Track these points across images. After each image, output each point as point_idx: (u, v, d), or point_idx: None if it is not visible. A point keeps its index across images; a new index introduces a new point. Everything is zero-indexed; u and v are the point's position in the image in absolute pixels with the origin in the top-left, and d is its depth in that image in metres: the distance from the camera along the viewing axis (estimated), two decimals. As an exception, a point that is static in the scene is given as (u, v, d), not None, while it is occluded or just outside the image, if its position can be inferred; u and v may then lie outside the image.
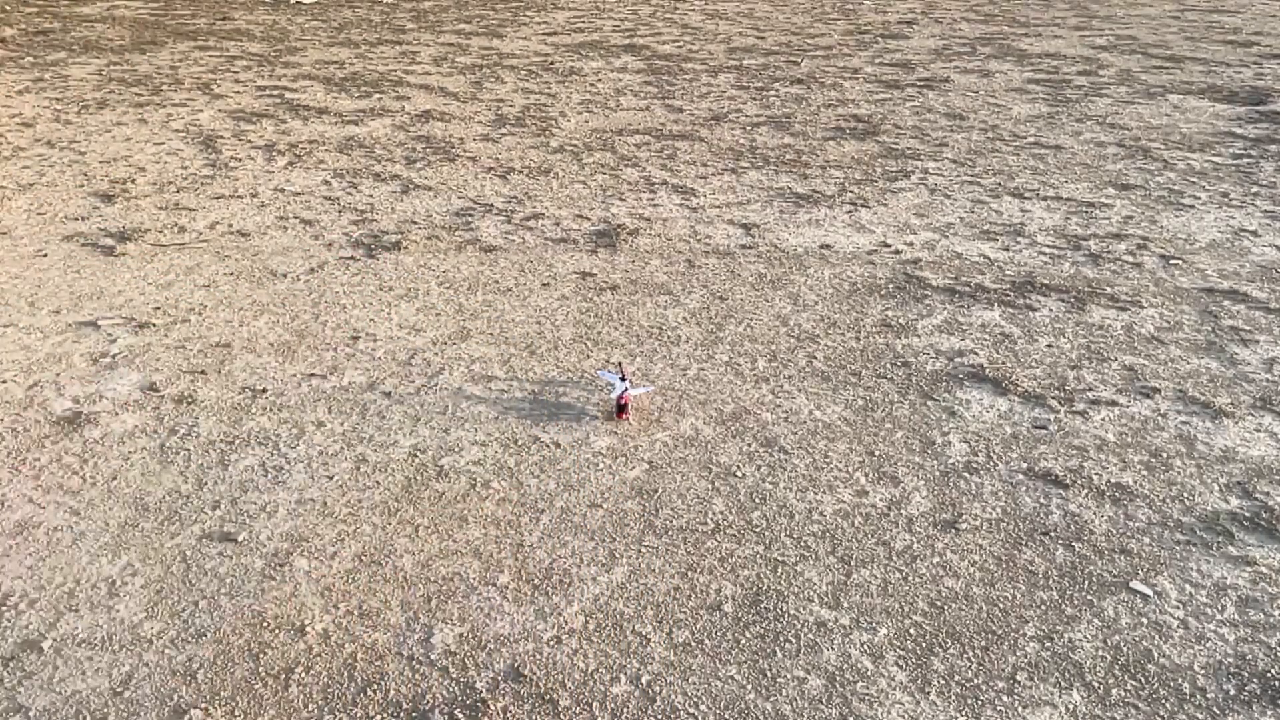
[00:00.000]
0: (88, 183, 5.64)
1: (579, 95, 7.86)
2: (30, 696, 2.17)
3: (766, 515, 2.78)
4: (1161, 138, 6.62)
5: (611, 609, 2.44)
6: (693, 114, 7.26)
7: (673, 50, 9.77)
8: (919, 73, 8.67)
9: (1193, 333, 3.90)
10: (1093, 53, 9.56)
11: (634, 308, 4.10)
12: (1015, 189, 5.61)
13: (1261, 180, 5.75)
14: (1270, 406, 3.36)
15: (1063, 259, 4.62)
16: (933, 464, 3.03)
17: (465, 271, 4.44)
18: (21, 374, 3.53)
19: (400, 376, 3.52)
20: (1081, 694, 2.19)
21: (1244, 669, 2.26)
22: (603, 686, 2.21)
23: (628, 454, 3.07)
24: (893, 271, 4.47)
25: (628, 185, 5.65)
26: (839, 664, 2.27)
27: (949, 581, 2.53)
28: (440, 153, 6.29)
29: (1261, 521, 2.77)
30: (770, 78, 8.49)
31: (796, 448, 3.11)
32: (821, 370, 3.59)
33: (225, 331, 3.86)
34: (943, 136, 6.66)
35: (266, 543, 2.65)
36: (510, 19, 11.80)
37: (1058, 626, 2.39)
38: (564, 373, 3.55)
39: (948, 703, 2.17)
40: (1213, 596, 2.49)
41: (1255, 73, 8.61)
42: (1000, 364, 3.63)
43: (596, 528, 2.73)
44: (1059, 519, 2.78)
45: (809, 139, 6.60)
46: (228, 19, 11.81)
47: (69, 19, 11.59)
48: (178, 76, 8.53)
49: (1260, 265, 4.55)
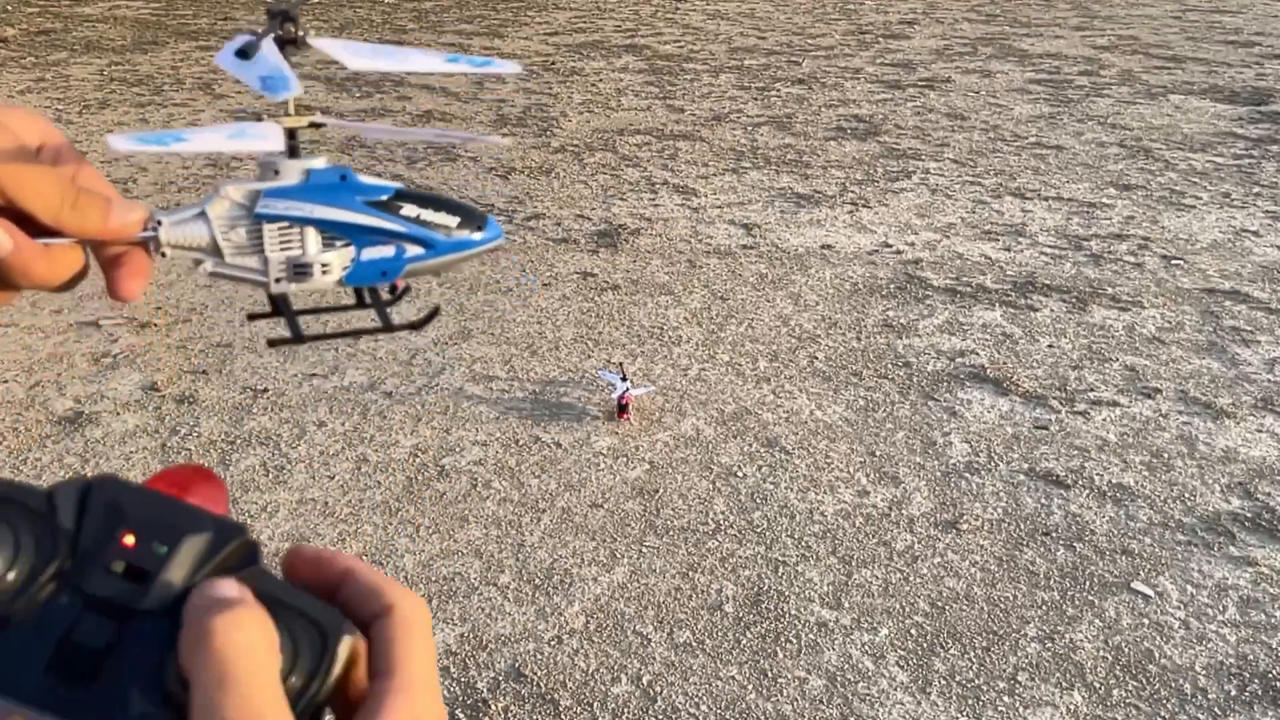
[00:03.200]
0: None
1: (580, 95, 7.86)
2: (31, 696, 2.18)
3: (767, 515, 2.78)
4: (1163, 138, 6.62)
5: (612, 609, 2.44)
6: (694, 114, 7.26)
7: (674, 50, 9.77)
8: (920, 73, 8.67)
9: (1194, 333, 3.90)
10: (1094, 53, 9.56)
11: (635, 308, 4.10)
12: (1016, 189, 5.61)
13: (1263, 180, 5.74)
14: (1272, 407, 3.36)
15: (1064, 259, 4.62)
16: (934, 464, 3.03)
17: (466, 271, 4.44)
18: (23, 374, 3.54)
19: (401, 376, 3.52)
20: (1083, 694, 2.19)
21: (1245, 669, 2.26)
22: (603, 686, 2.21)
23: (629, 454, 3.07)
24: (894, 272, 4.47)
25: (629, 185, 5.65)
26: (840, 664, 2.27)
27: (950, 582, 2.53)
28: (441, 152, 6.29)
29: (1263, 522, 2.76)
30: (771, 78, 8.49)
31: (797, 448, 3.11)
32: (823, 370, 3.59)
33: (226, 331, 3.87)
34: (944, 136, 6.66)
35: (268, 543, 2.65)
36: (511, 19, 11.80)
37: (1059, 627, 2.39)
38: (565, 373, 3.55)
39: (949, 703, 2.17)
40: (1214, 597, 2.49)
41: (1257, 73, 8.61)
42: (1001, 364, 3.63)
43: (597, 528, 2.73)
44: (1060, 519, 2.78)
45: (810, 139, 6.60)
46: (229, 19, 11.81)
47: (70, 19, 11.60)
48: (179, 77, 8.54)
49: (1262, 265, 4.55)
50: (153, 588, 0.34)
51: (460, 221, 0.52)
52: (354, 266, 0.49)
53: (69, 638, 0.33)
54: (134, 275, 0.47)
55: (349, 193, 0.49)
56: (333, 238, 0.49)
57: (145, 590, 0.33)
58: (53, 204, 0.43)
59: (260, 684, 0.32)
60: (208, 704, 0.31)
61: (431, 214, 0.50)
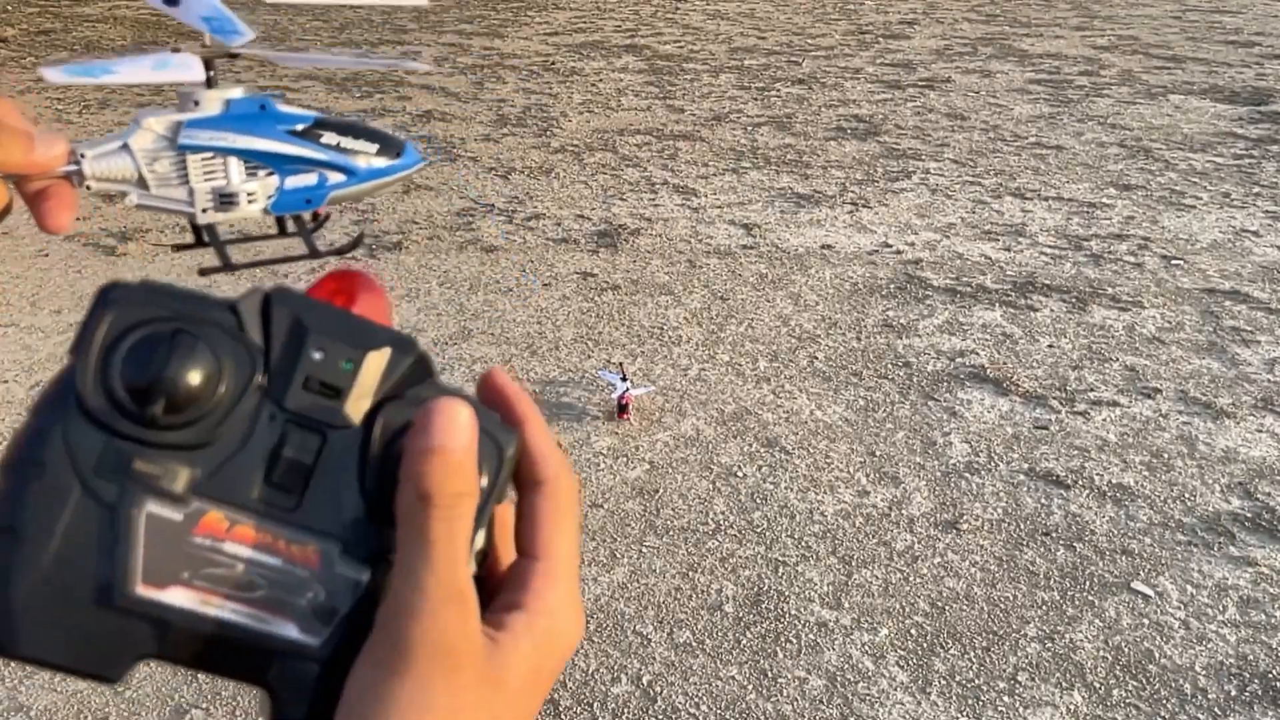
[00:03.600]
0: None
1: (580, 95, 7.86)
2: (32, 696, 2.17)
3: (767, 515, 2.78)
4: (1163, 138, 6.62)
5: (612, 609, 2.44)
6: (694, 114, 7.26)
7: (674, 50, 9.77)
8: (920, 73, 8.67)
9: (1194, 333, 3.90)
10: (1094, 53, 9.56)
11: (635, 308, 4.10)
12: (1016, 189, 5.61)
13: (1263, 180, 5.74)
14: (1272, 407, 3.36)
15: (1064, 259, 4.62)
16: (934, 464, 3.03)
17: (466, 271, 4.44)
18: (23, 374, 3.54)
19: (401, 376, 3.52)
20: (1083, 694, 2.19)
21: (1245, 669, 2.26)
22: (603, 686, 2.21)
23: (629, 454, 3.07)
24: (894, 272, 4.47)
25: (629, 185, 5.65)
26: (840, 664, 2.27)
27: (950, 582, 2.53)
28: (441, 152, 6.29)
29: (1263, 522, 2.76)
30: (771, 78, 8.49)
31: (797, 448, 3.11)
32: (823, 370, 3.59)
33: (226, 331, 3.87)
34: (944, 136, 6.66)
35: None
36: (511, 19, 11.80)
37: (1059, 627, 2.39)
38: (565, 373, 3.55)
39: (949, 703, 2.17)
40: (1214, 597, 2.49)
41: (1257, 73, 8.61)
42: (1001, 364, 3.63)
43: (597, 528, 2.73)
44: (1060, 519, 2.78)
45: (810, 139, 6.60)
46: (229, 19, 11.79)
47: (70, 19, 11.60)
48: (179, 76, 8.52)
49: (1262, 266, 4.55)
50: (345, 404, 0.35)
51: (380, 148, 0.53)
52: (278, 195, 0.50)
53: (279, 453, 0.35)
54: (61, 208, 0.47)
55: (270, 121, 0.50)
56: (256, 166, 0.50)
57: (338, 407, 0.35)
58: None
59: (459, 549, 0.34)
60: (410, 554, 0.34)
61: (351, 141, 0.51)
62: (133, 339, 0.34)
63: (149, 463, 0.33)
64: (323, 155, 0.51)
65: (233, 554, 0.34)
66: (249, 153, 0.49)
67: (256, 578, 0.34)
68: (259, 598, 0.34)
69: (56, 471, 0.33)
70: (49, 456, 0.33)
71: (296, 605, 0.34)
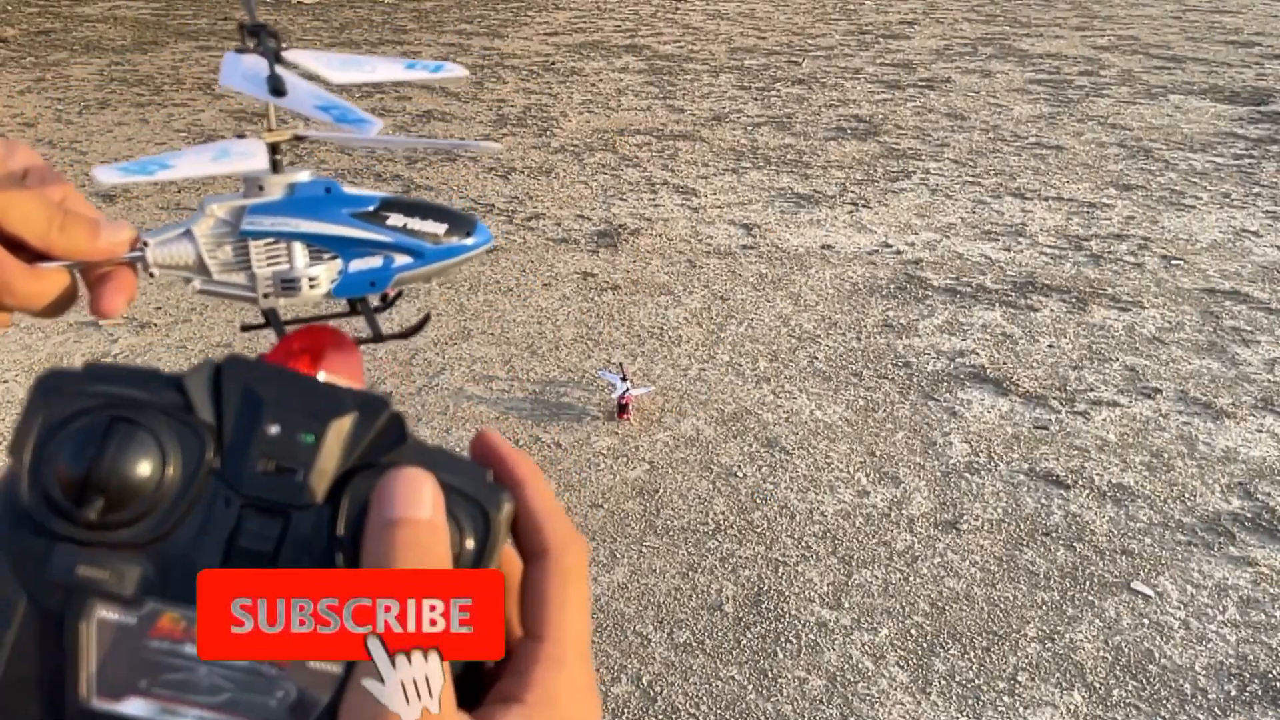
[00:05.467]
0: (89, 182, 5.64)
1: (580, 95, 7.86)
2: None
3: (767, 515, 2.78)
4: (1163, 138, 6.62)
5: (613, 609, 2.44)
6: (694, 114, 7.26)
7: (674, 50, 9.77)
8: (920, 73, 8.67)
9: (1194, 333, 3.90)
10: (1094, 53, 9.56)
11: (635, 308, 4.10)
12: (1016, 189, 5.61)
13: (1263, 180, 5.74)
14: (1272, 407, 3.36)
15: (1064, 259, 4.62)
16: (934, 464, 3.03)
17: (466, 271, 4.44)
18: (23, 374, 3.54)
19: (401, 376, 3.52)
20: (1083, 694, 2.19)
21: (1245, 670, 2.26)
22: (603, 686, 2.21)
23: (629, 454, 3.07)
24: (894, 272, 4.47)
25: (629, 185, 5.65)
26: (840, 664, 2.27)
27: (950, 582, 2.53)
28: (441, 152, 6.29)
29: (1263, 522, 2.76)
30: (771, 78, 8.49)
31: (797, 448, 3.11)
32: (823, 370, 3.59)
33: (226, 331, 3.87)
34: (944, 136, 6.66)
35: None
36: (511, 19, 11.80)
37: (1059, 627, 2.39)
38: (565, 373, 3.55)
39: (949, 703, 2.17)
40: (1214, 597, 2.49)
41: (1257, 73, 8.61)
42: (1001, 364, 3.63)
43: (598, 528, 2.73)
44: (1060, 519, 2.78)
45: (810, 139, 6.60)
46: (229, 19, 11.81)
47: (70, 19, 11.60)
48: (179, 76, 8.54)
49: (1262, 266, 4.54)
50: (307, 481, 0.33)
51: (449, 228, 0.51)
52: (341, 279, 0.49)
53: (235, 542, 0.32)
54: (118, 291, 0.47)
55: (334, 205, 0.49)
56: (320, 251, 0.48)
57: (300, 485, 0.33)
58: (40, 228, 0.44)
59: None
60: None
61: (419, 222, 0.50)
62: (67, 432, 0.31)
63: (94, 566, 0.31)
64: (389, 238, 0.49)
65: (193, 656, 0.31)
66: (312, 237, 0.48)
67: (221, 680, 0.31)
68: (224, 701, 0.31)
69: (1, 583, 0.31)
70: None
71: (266, 707, 0.31)
